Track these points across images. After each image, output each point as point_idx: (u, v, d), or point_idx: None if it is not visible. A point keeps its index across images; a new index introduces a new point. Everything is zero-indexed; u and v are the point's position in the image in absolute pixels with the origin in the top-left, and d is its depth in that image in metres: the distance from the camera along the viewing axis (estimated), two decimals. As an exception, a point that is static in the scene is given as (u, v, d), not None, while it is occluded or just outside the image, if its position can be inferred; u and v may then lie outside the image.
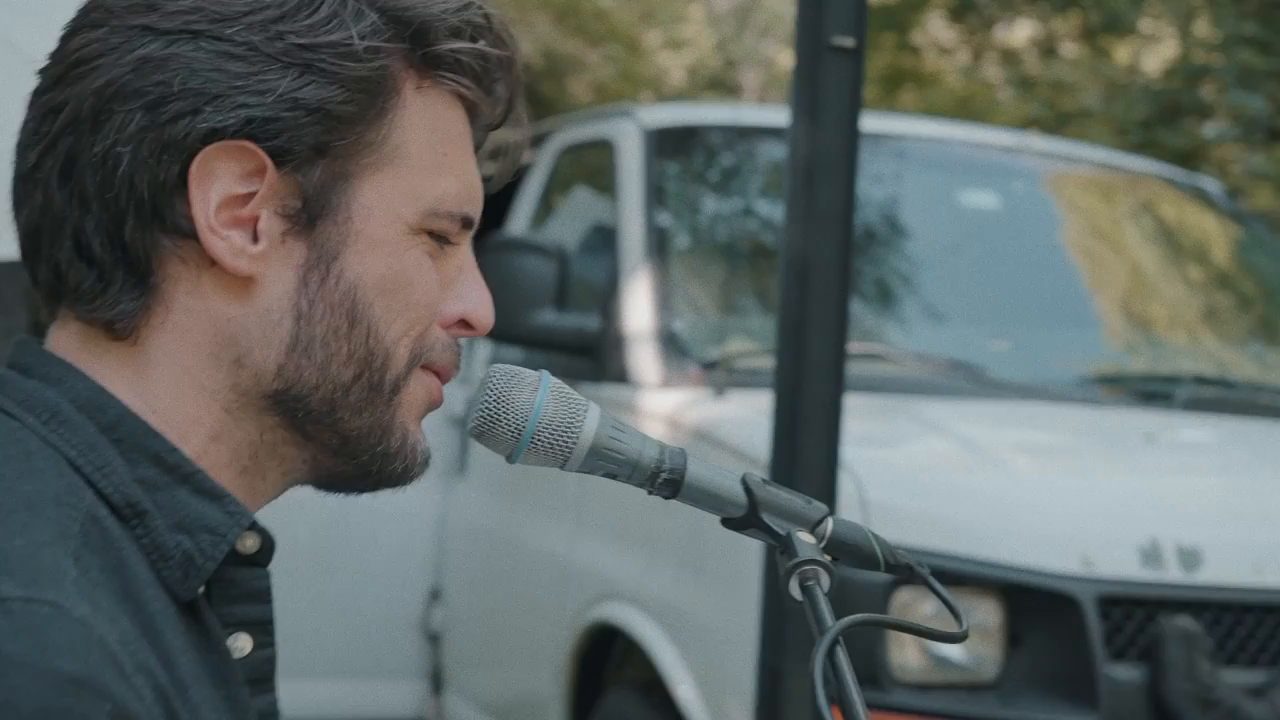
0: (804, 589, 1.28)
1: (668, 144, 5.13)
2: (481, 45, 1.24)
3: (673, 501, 3.84)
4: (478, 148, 1.30)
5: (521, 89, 1.31)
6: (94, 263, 1.17)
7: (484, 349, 5.57)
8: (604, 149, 5.28)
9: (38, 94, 1.20)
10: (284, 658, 5.35)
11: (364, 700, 5.61)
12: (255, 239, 1.18)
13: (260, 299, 1.18)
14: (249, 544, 1.19)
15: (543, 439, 1.28)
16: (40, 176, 1.18)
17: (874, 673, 3.60)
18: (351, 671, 5.58)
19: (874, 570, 1.38)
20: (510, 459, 1.31)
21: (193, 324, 1.18)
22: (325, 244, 1.19)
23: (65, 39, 1.20)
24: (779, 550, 1.32)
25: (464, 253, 1.28)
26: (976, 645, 3.66)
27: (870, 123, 5.97)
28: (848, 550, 1.36)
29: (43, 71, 1.20)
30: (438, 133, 1.24)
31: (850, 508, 3.67)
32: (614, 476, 1.32)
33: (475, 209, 1.28)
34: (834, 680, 1.22)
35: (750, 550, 3.32)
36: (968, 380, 4.54)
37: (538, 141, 6.10)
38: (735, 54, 17.83)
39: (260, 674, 1.22)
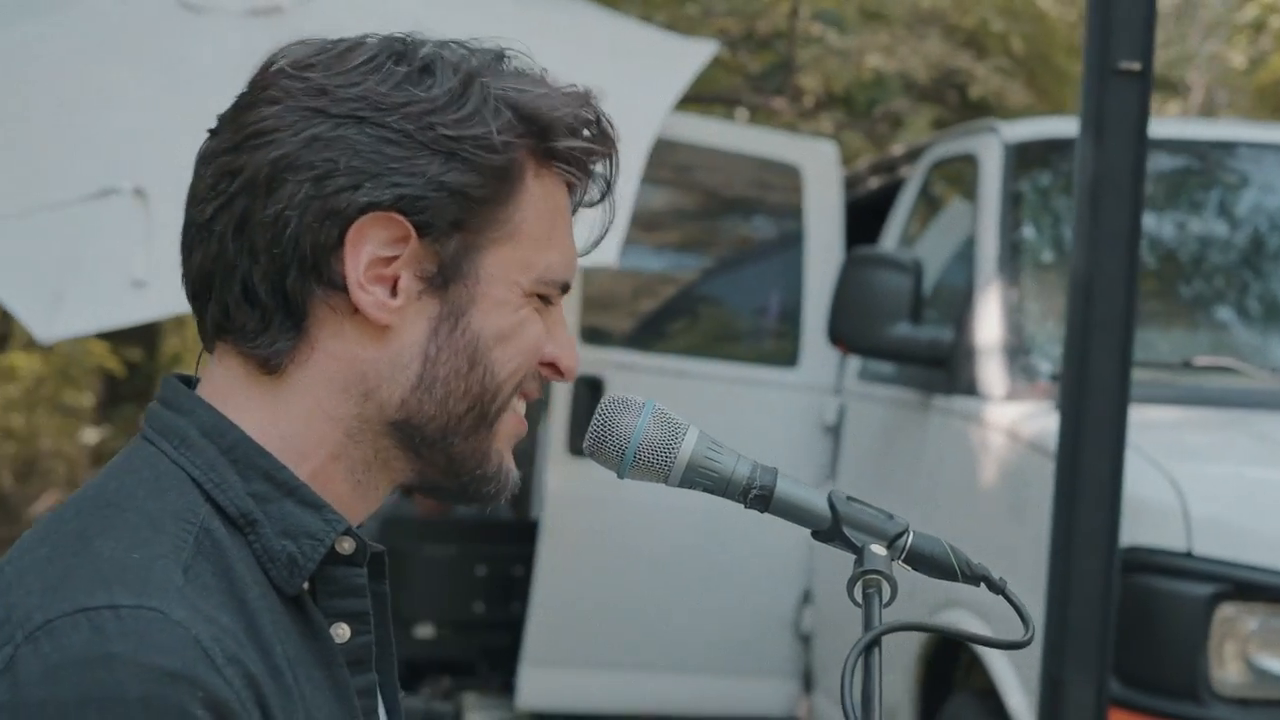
0: (865, 595, 1.43)
1: (1029, 158, 5.18)
2: (591, 142, 1.44)
3: (1025, 516, 3.93)
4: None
5: (618, 173, 1.51)
6: (258, 306, 1.38)
7: (854, 363, 5.73)
8: (968, 163, 5.36)
9: (212, 155, 1.40)
10: (668, 654, 5.64)
11: (740, 698, 5.83)
12: (394, 294, 1.38)
13: (393, 344, 1.39)
14: (346, 547, 1.39)
15: (644, 457, 1.47)
16: (216, 229, 1.38)
17: (1192, 686, 3.62)
18: (729, 670, 5.81)
19: (952, 580, 1.51)
20: (619, 474, 1.50)
21: (331, 363, 1.39)
22: (455, 302, 1.39)
23: (241, 110, 1.41)
24: (855, 561, 1.47)
25: (559, 309, 1.48)
26: (1303, 662, 3.63)
27: (1247, 132, 5.88)
28: (927, 561, 1.50)
29: (215, 134, 1.41)
30: (548, 212, 1.44)
31: (1173, 521, 3.69)
32: (711, 491, 1.49)
33: (572, 276, 1.48)
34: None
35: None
36: (1323, 394, 4.46)
37: (913, 157, 6.22)
38: (1179, 52, 17.32)
39: (358, 657, 1.40)
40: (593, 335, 5.96)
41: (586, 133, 1.44)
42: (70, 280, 4.35)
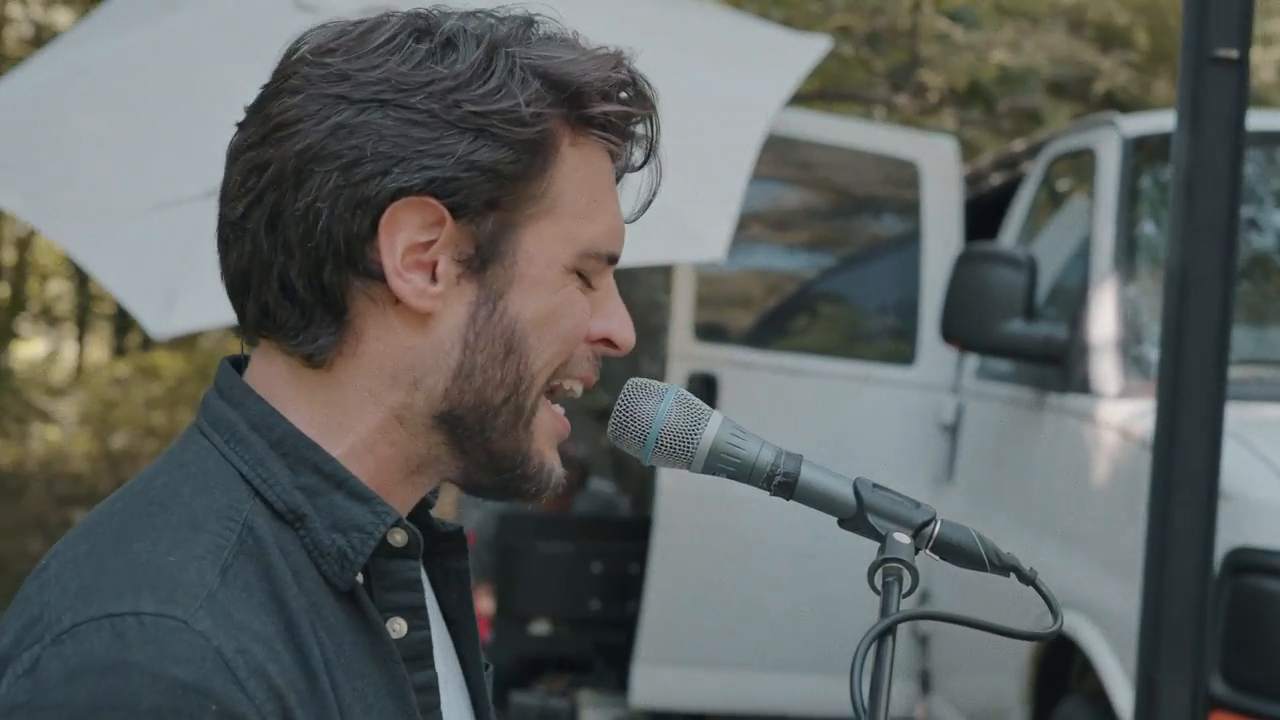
0: (885, 583, 1.41)
1: (1148, 152, 5.08)
2: (627, 105, 1.39)
3: (1138, 515, 3.87)
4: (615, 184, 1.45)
5: (660, 137, 1.45)
6: (297, 302, 1.34)
7: (972, 361, 5.66)
8: (1087, 158, 5.28)
9: (240, 150, 1.37)
10: (781, 653, 5.63)
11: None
12: (434, 280, 1.35)
13: (435, 332, 1.36)
14: (398, 539, 1.35)
15: (666, 443, 1.44)
16: (249, 226, 1.35)
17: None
18: (844, 669, 5.74)
19: (981, 570, 1.48)
20: (643, 461, 1.48)
21: (379, 352, 1.36)
22: (493, 284, 1.36)
23: (265, 101, 1.37)
24: (878, 549, 1.44)
25: (608, 281, 1.44)
26: None
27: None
28: (954, 550, 1.46)
29: (242, 127, 1.38)
30: (589, 181, 1.39)
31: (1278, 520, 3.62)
32: (735, 478, 1.47)
33: (619, 247, 1.43)
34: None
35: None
36: None
37: (1034, 153, 6.14)
38: (1328, 47, 16.91)
39: (416, 652, 1.37)
40: (708, 333, 5.94)
41: (622, 95, 1.39)
42: (183, 278, 4.42)
